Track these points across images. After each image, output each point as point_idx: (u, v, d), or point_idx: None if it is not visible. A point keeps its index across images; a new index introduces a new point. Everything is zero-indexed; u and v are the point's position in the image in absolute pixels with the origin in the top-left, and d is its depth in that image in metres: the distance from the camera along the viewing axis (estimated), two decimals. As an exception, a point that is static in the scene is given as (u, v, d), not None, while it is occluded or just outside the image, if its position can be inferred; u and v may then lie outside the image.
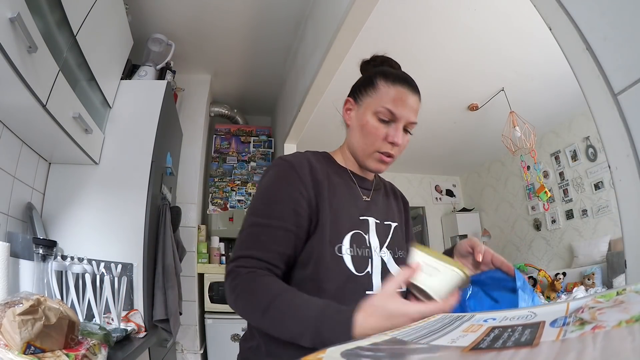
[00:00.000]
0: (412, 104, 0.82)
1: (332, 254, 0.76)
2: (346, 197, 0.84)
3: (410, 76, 0.89)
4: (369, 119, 0.82)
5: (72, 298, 1.33)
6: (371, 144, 0.82)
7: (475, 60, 3.20)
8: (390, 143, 0.81)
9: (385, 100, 0.81)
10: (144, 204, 1.79)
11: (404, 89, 0.82)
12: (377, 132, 0.81)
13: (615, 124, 0.63)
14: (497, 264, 0.74)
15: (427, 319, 0.44)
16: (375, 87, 0.83)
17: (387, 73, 0.85)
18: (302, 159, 0.83)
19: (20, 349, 0.80)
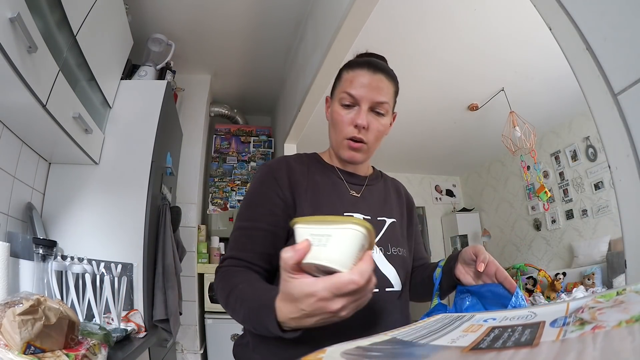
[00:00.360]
0: (373, 83, 0.81)
1: None
2: (329, 194, 0.84)
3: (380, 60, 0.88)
4: (335, 108, 0.84)
5: (72, 298, 1.33)
6: (339, 132, 0.83)
7: (475, 60, 3.20)
8: (355, 127, 0.81)
9: (345, 86, 0.82)
10: (144, 204, 1.78)
11: (362, 71, 0.82)
12: (341, 119, 0.82)
13: (615, 124, 0.63)
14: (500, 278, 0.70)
15: (427, 319, 0.44)
16: (340, 78, 0.86)
17: (351, 62, 0.86)
18: (281, 162, 0.85)
19: (20, 349, 0.80)
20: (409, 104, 3.83)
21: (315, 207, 0.80)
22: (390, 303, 0.80)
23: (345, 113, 0.82)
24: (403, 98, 3.74)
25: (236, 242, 0.79)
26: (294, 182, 0.81)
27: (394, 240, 0.86)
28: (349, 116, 0.82)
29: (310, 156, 0.92)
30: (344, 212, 0.82)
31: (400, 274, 0.82)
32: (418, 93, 3.67)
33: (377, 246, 0.81)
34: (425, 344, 0.30)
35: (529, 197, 4.99)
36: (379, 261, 0.80)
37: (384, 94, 0.82)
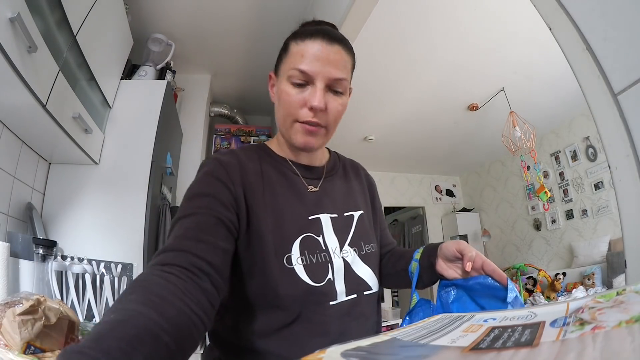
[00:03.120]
0: (329, 56, 0.67)
1: (281, 267, 0.63)
2: (288, 195, 0.72)
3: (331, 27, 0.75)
4: (282, 87, 0.69)
5: (72, 298, 1.33)
6: (289, 114, 0.69)
7: (475, 61, 3.20)
8: (310, 109, 0.67)
9: (296, 60, 0.67)
10: (144, 204, 1.79)
11: (315, 41, 0.67)
12: (291, 99, 0.68)
13: (615, 124, 0.63)
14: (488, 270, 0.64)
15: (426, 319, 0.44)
16: (287, 50, 0.71)
17: (299, 32, 0.71)
18: (231, 158, 0.70)
19: (20, 349, 0.80)
20: (409, 104, 3.83)
21: (278, 214, 0.68)
22: (368, 306, 0.73)
23: (296, 93, 0.67)
24: (403, 98, 3.73)
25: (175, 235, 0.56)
26: (248, 184, 0.68)
27: (365, 236, 0.77)
28: (301, 96, 0.67)
29: (259, 149, 0.78)
30: (308, 215, 0.71)
31: (376, 273, 0.75)
32: (418, 93, 3.67)
33: (350, 247, 0.73)
34: (426, 344, 0.30)
35: (529, 197, 4.99)
36: (354, 264, 0.72)
37: (342, 69, 0.68)
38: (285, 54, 0.71)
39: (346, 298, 0.68)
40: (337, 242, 0.72)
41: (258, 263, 0.64)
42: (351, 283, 0.69)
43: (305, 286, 0.64)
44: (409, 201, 6.16)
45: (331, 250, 0.70)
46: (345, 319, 0.67)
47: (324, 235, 0.71)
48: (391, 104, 3.77)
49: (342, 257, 0.71)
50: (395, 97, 3.68)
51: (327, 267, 0.68)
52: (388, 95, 3.63)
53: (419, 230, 6.20)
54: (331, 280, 0.67)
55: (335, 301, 0.66)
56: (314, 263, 0.67)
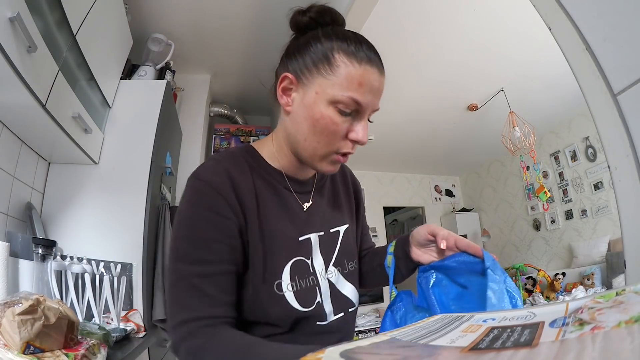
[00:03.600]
0: (380, 87, 0.61)
1: (271, 294, 0.60)
2: (280, 215, 0.66)
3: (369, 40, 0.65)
4: (323, 111, 0.58)
5: (72, 298, 1.33)
6: (328, 144, 0.61)
7: (475, 61, 3.20)
8: (353, 141, 0.61)
9: (349, 86, 0.57)
10: (144, 204, 1.78)
11: (372, 67, 0.59)
12: (337, 129, 0.59)
13: (614, 124, 0.63)
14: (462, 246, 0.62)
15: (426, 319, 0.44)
16: (331, 64, 0.58)
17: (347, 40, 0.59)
18: (222, 176, 0.61)
19: (19, 349, 0.80)
20: (409, 103, 3.83)
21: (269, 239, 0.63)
22: (352, 322, 0.73)
23: (342, 122, 0.59)
24: (403, 98, 3.74)
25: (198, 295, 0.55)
26: (242, 203, 0.61)
27: (349, 253, 0.74)
28: (345, 126, 0.59)
29: (248, 156, 0.68)
30: (299, 237, 0.67)
31: (357, 288, 0.74)
32: (418, 93, 3.67)
33: (334, 267, 0.70)
34: (425, 344, 0.30)
35: (529, 197, 4.99)
36: (339, 283, 0.70)
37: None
38: (329, 67, 0.58)
39: (334, 317, 0.67)
40: (322, 263, 0.69)
41: (249, 289, 0.61)
42: (338, 303, 0.68)
43: (295, 312, 0.62)
44: (409, 201, 6.16)
45: (318, 273, 0.67)
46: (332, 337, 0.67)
47: (312, 256, 0.68)
48: (391, 103, 3.77)
49: (327, 278, 0.68)
50: (395, 97, 3.68)
51: (316, 290, 0.66)
52: (388, 95, 3.60)
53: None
54: (320, 303, 0.65)
55: (324, 322, 0.66)
56: (304, 288, 0.64)
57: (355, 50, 0.58)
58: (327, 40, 0.60)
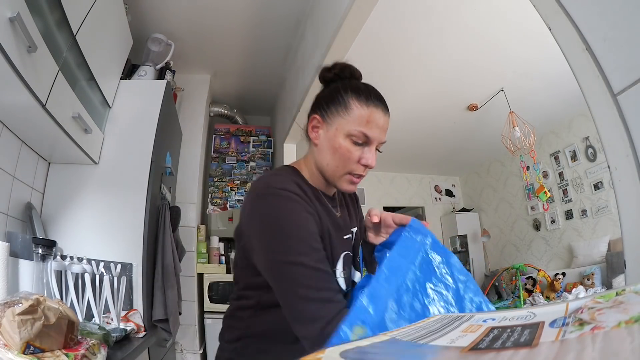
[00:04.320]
0: (385, 125, 0.79)
1: None
2: (328, 220, 0.82)
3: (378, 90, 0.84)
4: (341, 142, 0.78)
5: (72, 298, 1.33)
6: (344, 167, 0.79)
7: (475, 60, 3.20)
8: (364, 165, 0.79)
9: (359, 123, 0.77)
10: (144, 204, 1.78)
11: (377, 110, 0.78)
12: (351, 156, 0.78)
13: (614, 124, 0.63)
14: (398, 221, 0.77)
15: (426, 319, 0.44)
16: (347, 107, 0.78)
17: (359, 90, 0.80)
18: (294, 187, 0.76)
19: (19, 349, 0.80)
20: (409, 103, 3.83)
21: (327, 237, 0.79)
22: None
23: (354, 149, 0.77)
24: (403, 98, 3.73)
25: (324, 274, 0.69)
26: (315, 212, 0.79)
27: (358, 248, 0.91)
28: (358, 154, 0.78)
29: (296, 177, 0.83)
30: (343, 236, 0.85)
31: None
32: (418, 93, 3.67)
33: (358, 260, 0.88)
34: (425, 344, 0.30)
35: (529, 198, 4.99)
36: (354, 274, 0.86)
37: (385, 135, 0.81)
38: (344, 109, 0.78)
39: None
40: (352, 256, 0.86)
41: None
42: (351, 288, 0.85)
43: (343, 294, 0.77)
44: (409, 201, 6.16)
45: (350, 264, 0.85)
46: None
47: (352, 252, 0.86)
48: (391, 103, 3.73)
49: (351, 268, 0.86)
50: (394, 97, 3.68)
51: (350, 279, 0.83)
52: (388, 94, 3.57)
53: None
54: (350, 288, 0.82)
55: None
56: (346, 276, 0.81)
57: (365, 97, 0.79)
58: (345, 91, 0.80)
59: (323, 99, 0.84)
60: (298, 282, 0.66)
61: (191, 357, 2.66)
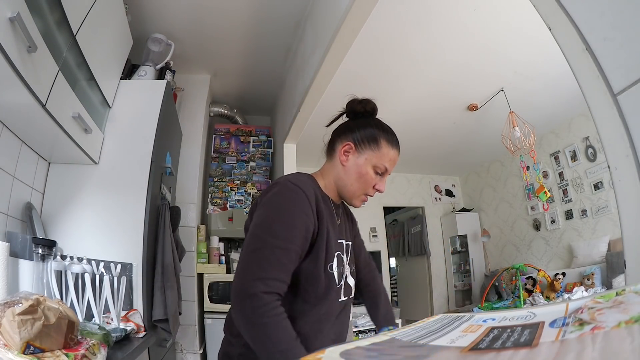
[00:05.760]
0: (397, 161, 1.02)
1: (326, 273, 0.91)
2: (331, 222, 0.97)
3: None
4: (368, 170, 0.97)
5: (72, 298, 1.33)
6: (363, 189, 0.99)
7: (475, 61, 3.20)
8: (376, 190, 1.00)
9: (386, 160, 0.98)
10: (144, 204, 1.78)
11: (397, 151, 1.00)
12: (370, 181, 0.98)
13: (614, 124, 0.63)
14: None
15: (426, 319, 0.44)
16: (379, 146, 0.97)
17: (388, 133, 1.00)
18: (310, 189, 0.92)
19: (19, 349, 0.80)
20: (409, 104, 3.83)
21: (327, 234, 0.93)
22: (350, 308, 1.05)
23: (374, 177, 0.98)
24: (403, 98, 3.72)
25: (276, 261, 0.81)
26: (319, 211, 0.92)
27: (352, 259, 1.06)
28: (375, 180, 0.98)
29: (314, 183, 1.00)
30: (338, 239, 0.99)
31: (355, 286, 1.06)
32: (418, 93, 3.67)
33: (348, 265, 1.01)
34: (425, 344, 0.30)
35: (529, 198, 4.99)
36: (349, 275, 1.01)
37: None
38: (376, 146, 0.97)
39: (344, 299, 0.99)
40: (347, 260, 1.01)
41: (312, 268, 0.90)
42: (346, 289, 0.99)
43: (335, 286, 0.93)
44: (409, 201, 6.16)
45: (345, 265, 0.99)
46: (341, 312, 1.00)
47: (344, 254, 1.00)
48: (391, 103, 3.77)
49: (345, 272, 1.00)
50: (394, 97, 3.68)
51: (342, 276, 0.97)
52: (388, 95, 3.63)
53: (419, 230, 6.20)
54: (341, 285, 0.97)
55: (340, 299, 0.97)
56: (339, 273, 0.96)
57: (392, 140, 1.00)
58: (377, 129, 0.99)
59: (357, 128, 1.00)
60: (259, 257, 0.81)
61: (191, 357, 2.66)
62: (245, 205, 3.51)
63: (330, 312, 0.95)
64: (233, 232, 3.33)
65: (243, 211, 3.46)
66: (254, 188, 3.58)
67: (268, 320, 0.75)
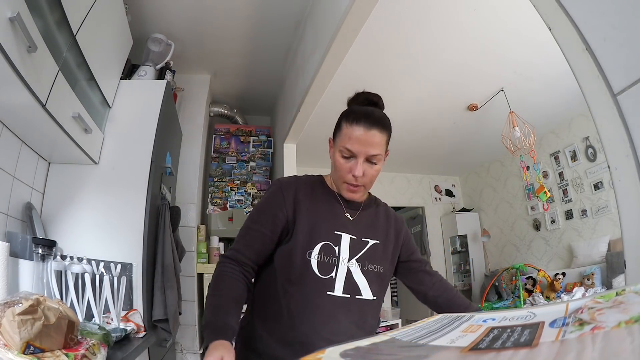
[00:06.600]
0: (369, 140, 0.92)
1: (302, 258, 0.94)
2: (326, 214, 1.00)
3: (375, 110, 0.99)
4: (337, 157, 0.97)
5: (72, 298, 1.33)
6: (339, 177, 0.98)
7: (475, 61, 3.20)
8: (353, 176, 0.94)
9: (345, 140, 0.94)
10: (144, 204, 1.78)
11: (360, 127, 0.92)
12: (342, 167, 0.96)
13: (614, 124, 0.63)
14: None
15: (426, 319, 0.44)
16: (340, 128, 0.97)
17: (349, 113, 0.96)
18: (291, 183, 1.03)
19: (19, 349, 0.80)
20: (409, 104, 3.83)
21: (312, 224, 0.97)
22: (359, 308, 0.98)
23: (344, 162, 0.95)
24: (403, 98, 3.72)
25: (243, 237, 1.00)
26: (298, 200, 0.99)
27: (373, 258, 1.02)
28: (348, 165, 0.95)
29: (316, 179, 1.07)
30: (334, 230, 0.99)
31: (372, 287, 0.99)
32: (418, 93, 3.67)
33: (356, 262, 0.99)
34: (425, 344, 0.30)
35: (529, 198, 4.99)
36: (355, 273, 0.98)
37: (376, 147, 0.93)
38: (339, 130, 0.97)
39: (342, 295, 0.95)
40: (348, 254, 0.98)
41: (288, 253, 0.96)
42: (348, 285, 0.96)
43: (313, 274, 0.94)
44: (409, 201, 6.15)
45: (341, 259, 0.97)
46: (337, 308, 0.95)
47: (340, 246, 0.98)
48: (391, 103, 3.74)
49: (347, 266, 0.97)
50: (394, 97, 3.68)
51: (334, 268, 0.96)
52: (388, 95, 3.59)
53: (419, 230, 6.20)
54: (333, 278, 0.95)
55: (332, 293, 0.94)
56: (325, 262, 0.95)
57: (352, 119, 0.95)
58: (341, 116, 1.00)
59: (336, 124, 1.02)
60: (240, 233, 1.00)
61: (191, 357, 2.66)
62: (245, 205, 3.51)
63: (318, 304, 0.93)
64: (233, 232, 3.33)
65: (243, 211, 3.46)
66: (254, 188, 3.58)
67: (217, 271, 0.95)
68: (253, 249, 0.98)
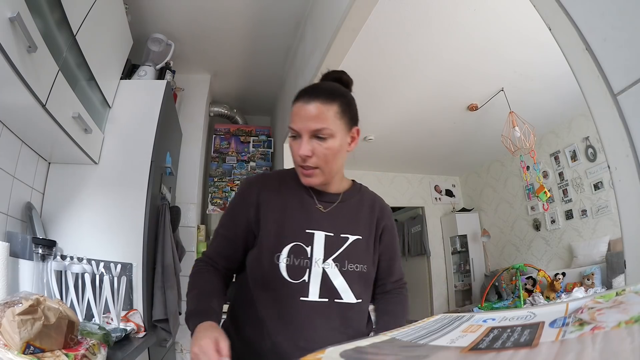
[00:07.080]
0: (308, 113, 0.83)
1: (270, 262, 0.86)
2: (295, 211, 0.91)
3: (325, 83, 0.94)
4: (290, 142, 0.90)
5: (72, 298, 1.33)
6: (294, 162, 0.90)
7: (475, 61, 3.20)
8: (299, 156, 0.85)
9: (290, 120, 0.88)
10: (144, 204, 1.78)
11: (299, 103, 0.86)
12: (293, 149, 0.88)
13: (614, 124, 0.63)
14: None
15: (426, 320, 0.44)
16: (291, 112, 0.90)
17: (296, 95, 0.89)
18: (255, 182, 0.97)
19: (19, 349, 0.80)
20: (409, 104, 3.83)
21: (280, 224, 0.89)
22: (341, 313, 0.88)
23: (294, 144, 0.87)
24: (403, 98, 3.72)
25: (212, 242, 0.98)
26: (262, 200, 0.92)
27: (354, 257, 0.91)
28: (295, 147, 0.86)
29: (288, 172, 0.98)
30: (306, 229, 0.89)
31: (354, 289, 0.89)
32: (418, 93, 3.67)
33: (334, 262, 0.88)
34: (425, 344, 0.30)
35: (529, 198, 4.99)
36: (332, 275, 0.87)
37: (320, 120, 0.83)
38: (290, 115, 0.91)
39: (318, 299, 0.86)
40: (322, 254, 0.88)
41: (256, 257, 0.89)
42: (325, 289, 0.86)
43: (283, 280, 0.85)
44: (409, 201, 6.15)
45: (314, 260, 0.87)
46: (313, 314, 0.85)
47: (312, 246, 0.88)
48: (391, 103, 3.77)
49: (323, 268, 0.87)
50: (395, 97, 3.68)
51: (305, 271, 0.86)
52: (388, 95, 3.63)
53: (419, 230, 6.20)
54: (305, 282, 0.85)
55: (306, 298, 0.85)
56: (295, 265, 0.86)
57: (296, 97, 0.88)
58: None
59: None
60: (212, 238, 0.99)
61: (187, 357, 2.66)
62: (245, 205, 3.51)
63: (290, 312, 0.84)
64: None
65: (243, 211, 3.45)
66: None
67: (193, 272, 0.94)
68: (222, 255, 0.95)
